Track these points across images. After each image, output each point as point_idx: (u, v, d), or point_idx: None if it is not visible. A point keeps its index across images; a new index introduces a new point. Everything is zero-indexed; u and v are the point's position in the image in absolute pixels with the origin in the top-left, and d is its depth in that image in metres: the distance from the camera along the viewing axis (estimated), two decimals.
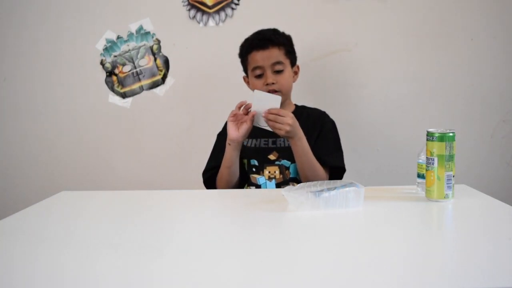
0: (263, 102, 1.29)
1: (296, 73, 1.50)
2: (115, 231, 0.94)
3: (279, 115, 1.26)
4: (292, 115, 1.28)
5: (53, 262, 0.76)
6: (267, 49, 1.40)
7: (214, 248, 0.81)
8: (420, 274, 0.68)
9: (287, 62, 1.43)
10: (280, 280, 0.67)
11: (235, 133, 1.32)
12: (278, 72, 1.41)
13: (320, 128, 1.45)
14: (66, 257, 0.78)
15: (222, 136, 1.49)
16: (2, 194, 1.92)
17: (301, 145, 1.31)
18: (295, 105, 1.53)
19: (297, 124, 1.30)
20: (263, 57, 1.40)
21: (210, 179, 1.47)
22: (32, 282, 0.69)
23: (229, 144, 1.35)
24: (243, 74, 1.52)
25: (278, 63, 1.41)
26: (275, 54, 1.40)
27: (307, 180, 1.27)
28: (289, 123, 1.26)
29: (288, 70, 1.43)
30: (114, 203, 1.20)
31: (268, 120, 1.28)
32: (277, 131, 1.28)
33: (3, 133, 1.91)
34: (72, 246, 0.83)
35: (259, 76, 1.42)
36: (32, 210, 1.10)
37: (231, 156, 1.37)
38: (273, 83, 1.40)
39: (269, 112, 1.27)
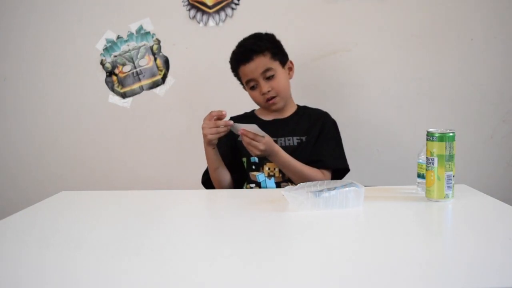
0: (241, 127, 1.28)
1: (290, 69, 1.48)
2: (114, 231, 0.94)
3: (254, 140, 1.25)
4: (266, 139, 1.26)
5: (52, 262, 0.76)
6: (252, 60, 1.38)
7: (214, 247, 0.81)
8: (420, 274, 0.68)
9: (276, 64, 1.41)
10: (280, 280, 0.67)
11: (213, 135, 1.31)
12: (270, 78, 1.40)
13: (320, 128, 1.44)
14: (66, 257, 0.78)
15: (221, 138, 1.49)
16: (2, 194, 1.92)
17: (279, 160, 1.32)
18: (297, 105, 1.53)
19: (271, 145, 1.28)
20: (251, 69, 1.39)
21: (209, 181, 1.47)
22: (32, 282, 0.69)
23: (211, 147, 1.36)
24: None
25: (267, 70, 1.39)
26: (262, 62, 1.39)
27: None
28: (260, 148, 1.25)
29: (279, 72, 1.42)
30: (114, 203, 1.20)
31: (243, 140, 1.27)
32: (249, 151, 1.29)
33: (3, 132, 1.91)
34: (71, 246, 0.83)
35: (253, 87, 1.42)
36: (32, 210, 1.10)
37: (216, 157, 1.39)
38: (268, 91, 1.40)
39: (244, 134, 1.26)
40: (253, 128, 1.26)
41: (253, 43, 1.41)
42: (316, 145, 1.42)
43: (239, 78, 1.48)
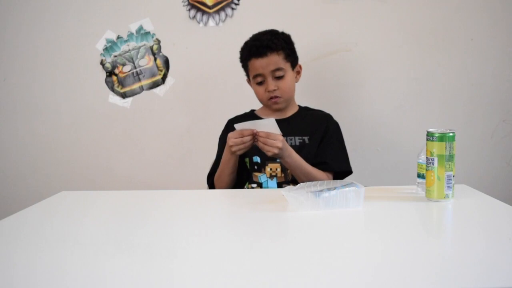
0: (258, 127, 1.26)
1: (298, 72, 1.48)
2: (114, 231, 0.94)
3: (269, 139, 1.23)
4: (282, 138, 1.25)
5: (53, 262, 0.76)
6: (266, 56, 1.38)
7: (214, 248, 0.81)
8: (420, 274, 0.68)
9: (287, 66, 1.41)
10: (280, 280, 0.67)
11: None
12: (279, 78, 1.40)
13: (324, 131, 1.44)
14: (66, 257, 0.78)
15: (224, 138, 1.48)
16: (2, 194, 1.92)
17: (291, 161, 1.30)
18: (299, 106, 1.53)
19: (286, 144, 1.27)
20: (262, 64, 1.38)
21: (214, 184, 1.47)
22: (32, 282, 0.69)
23: (234, 156, 1.34)
24: (243, 74, 1.51)
25: (278, 69, 1.39)
26: (274, 60, 1.38)
27: None
28: (278, 146, 1.23)
29: (289, 74, 1.42)
30: (114, 203, 1.20)
31: (258, 140, 1.25)
32: (265, 152, 1.26)
33: (3, 133, 1.91)
34: (72, 246, 0.83)
35: (260, 83, 1.42)
36: (32, 210, 1.10)
37: (235, 163, 1.37)
38: (274, 90, 1.39)
39: (259, 134, 1.24)
40: (271, 123, 1.24)
41: (270, 40, 1.40)
42: (320, 147, 1.41)
43: (246, 70, 1.47)
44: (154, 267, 0.71)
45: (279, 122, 1.26)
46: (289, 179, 1.40)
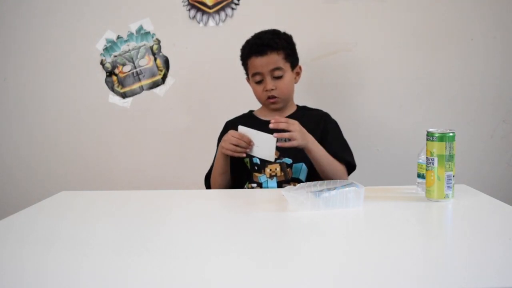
0: (256, 140, 1.28)
1: (298, 73, 1.48)
2: (115, 231, 0.94)
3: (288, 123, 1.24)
4: (297, 122, 1.26)
5: (52, 262, 0.76)
6: (266, 55, 1.38)
7: (214, 248, 0.81)
8: (420, 274, 0.68)
9: (287, 66, 1.41)
10: (280, 280, 0.67)
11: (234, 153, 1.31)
12: (278, 77, 1.40)
13: (322, 130, 1.43)
14: (66, 257, 0.78)
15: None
16: (2, 193, 1.92)
17: (316, 149, 1.30)
18: (297, 105, 1.53)
19: (303, 129, 1.28)
20: (262, 63, 1.38)
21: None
22: (32, 281, 0.69)
23: (224, 155, 1.35)
24: (243, 74, 1.51)
25: (277, 69, 1.39)
26: (274, 59, 1.38)
27: (328, 178, 1.28)
28: (296, 128, 1.24)
29: (288, 74, 1.42)
30: (114, 203, 1.20)
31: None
32: (291, 141, 1.24)
33: (3, 132, 1.91)
34: (72, 246, 0.83)
35: (259, 82, 1.42)
36: (32, 210, 1.10)
37: (226, 163, 1.38)
38: (272, 89, 1.40)
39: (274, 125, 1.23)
40: (270, 140, 1.24)
41: (271, 39, 1.40)
42: (323, 144, 1.41)
43: (246, 68, 1.47)
44: (154, 267, 0.71)
45: None
46: (289, 178, 1.40)
